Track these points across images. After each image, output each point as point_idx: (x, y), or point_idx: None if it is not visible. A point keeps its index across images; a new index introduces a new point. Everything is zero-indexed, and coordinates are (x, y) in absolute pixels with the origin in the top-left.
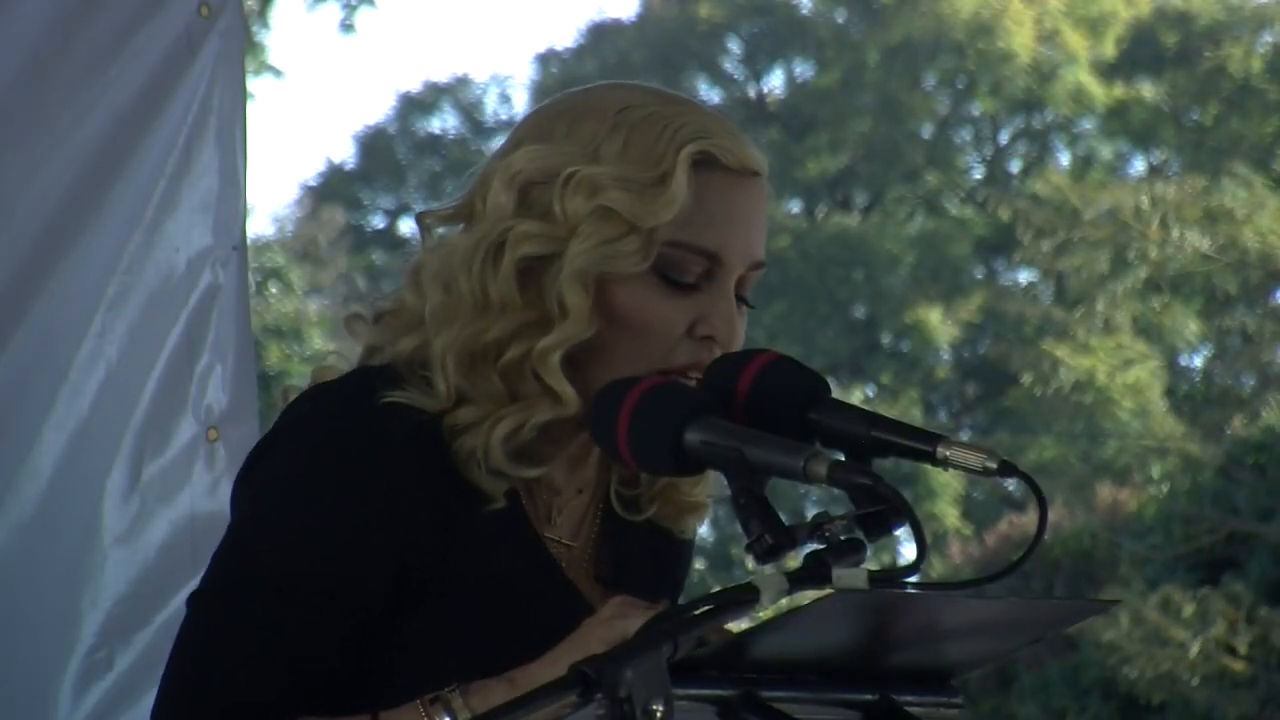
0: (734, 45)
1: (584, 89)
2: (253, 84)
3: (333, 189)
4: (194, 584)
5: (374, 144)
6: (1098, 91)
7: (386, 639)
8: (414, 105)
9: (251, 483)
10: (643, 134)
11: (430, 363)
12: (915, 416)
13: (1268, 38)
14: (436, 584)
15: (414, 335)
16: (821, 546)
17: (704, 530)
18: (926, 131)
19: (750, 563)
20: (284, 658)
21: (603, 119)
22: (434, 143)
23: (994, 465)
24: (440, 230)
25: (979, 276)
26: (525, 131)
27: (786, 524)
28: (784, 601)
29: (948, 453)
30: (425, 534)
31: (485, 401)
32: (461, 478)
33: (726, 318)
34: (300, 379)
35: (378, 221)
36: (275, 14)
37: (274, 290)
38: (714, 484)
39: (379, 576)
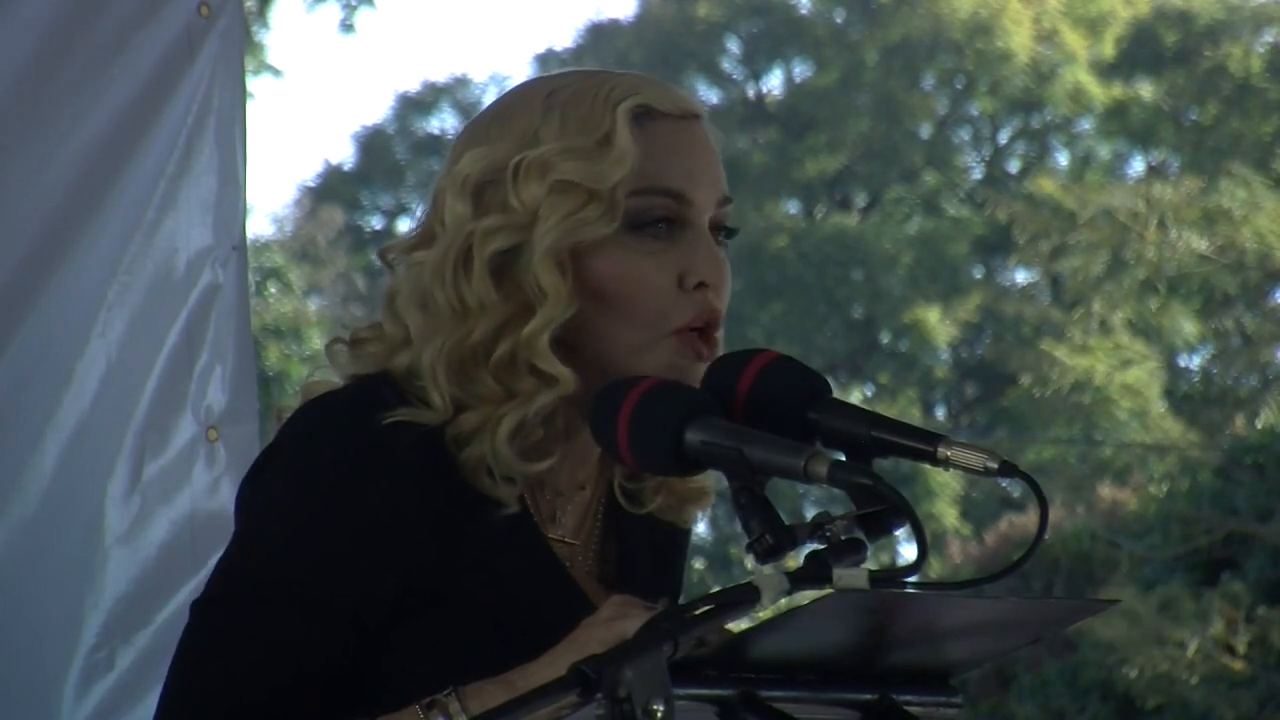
0: (732, 45)
1: (508, 91)
2: (252, 84)
3: (332, 189)
4: (195, 583)
5: (373, 144)
6: (1097, 91)
7: (388, 645)
8: (413, 105)
9: (252, 496)
10: (575, 107)
11: (422, 378)
12: (914, 416)
13: (1267, 37)
14: (441, 594)
15: (404, 354)
16: (822, 546)
17: (703, 530)
18: (925, 131)
19: (750, 563)
20: (282, 668)
21: (532, 107)
22: (433, 143)
23: (994, 465)
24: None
25: (977, 276)
26: (463, 144)
27: (787, 524)
28: (784, 601)
29: (948, 453)
30: (428, 548)
31: (483, 405)
32: (470, 488)
33: (711, 260)
34: (299, 380)
35: (376, 222)
36: (275, 14)
37: (273, 290)
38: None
39: (380, 589)
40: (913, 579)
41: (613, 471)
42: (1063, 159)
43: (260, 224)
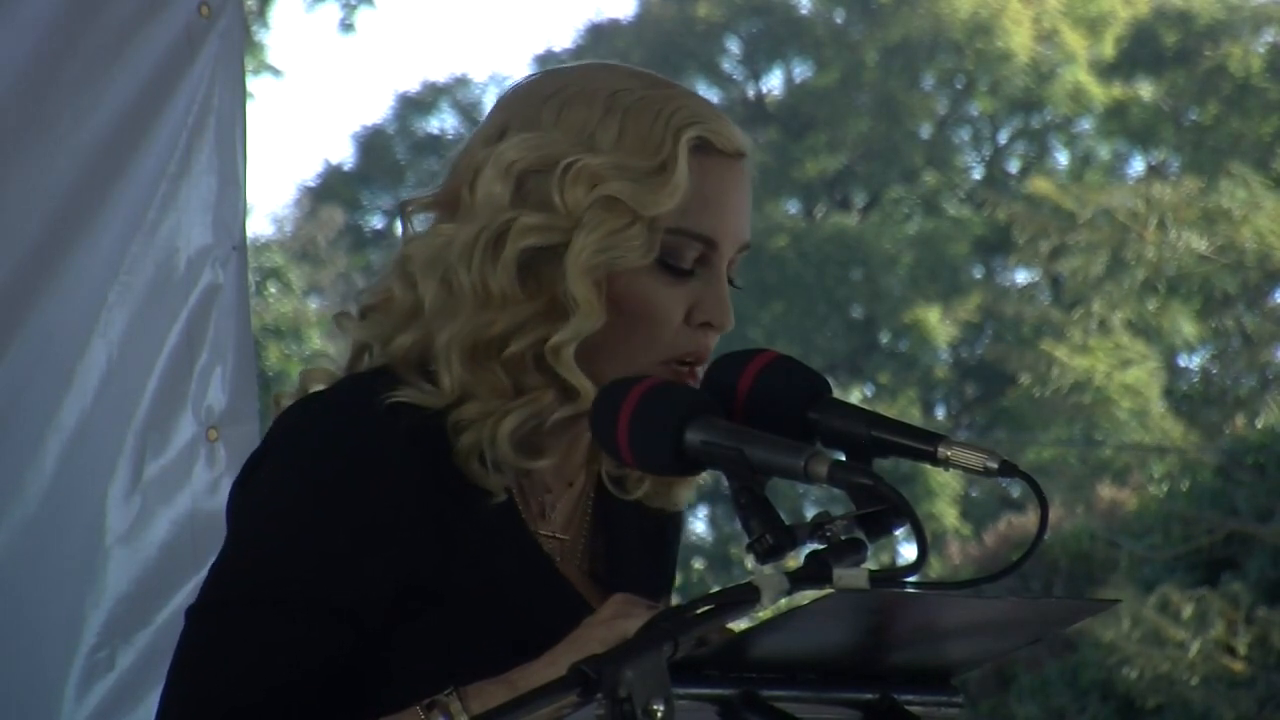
0: (732, 45)
1: (565, 70)
2: (252, 84)
3: (331, 189)
4: (195, 583)
5: (373, 144)
6: (1096, 91)
7: (384, 645)
8: (413, 105)
9: (246, 496)
10: (637, 120)
11: (433, 358)
12: (914, 416)
13: (1267, 37)
14: (437, 593)
15: (410, 331)
16: (822, 546)
17: (703, 530)
18: (925, 131)
19: (750, 562)
20: (279, 671)
21: (593, 104)
22: (433, 143)
23: (994, 465)
24: (421, 218)
25: (977, 276)
26: (510, 117)
27: (787, 524)
28: (784, 601)
29: (948, 453)
30: (425, 546)
31: (489, 396)
32: (461, 476)
33: (722, 303)
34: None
35: (376, 222)
36: (275, 14)
37: (273, 290)
38: None
39: (378, 590)
40: (913, 579)
41: (599, 464)
42: (1063, 159)
43: (260, 224)
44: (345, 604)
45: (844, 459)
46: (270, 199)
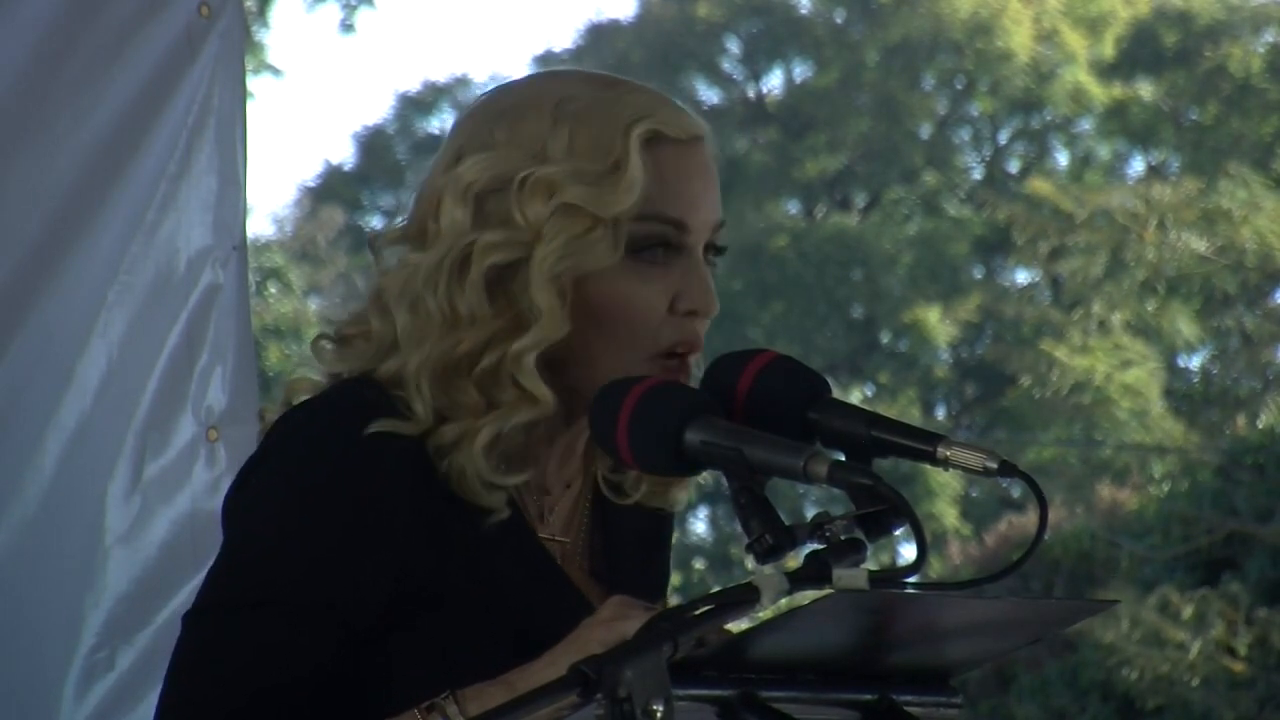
0: (732, 45)
1: (512, 85)
2: (252, 84)
3: (332, 189)
4: (195, 583)
5: (373, 144)
6: (1096, 91)
7: (383, 648)
8: (413, 105)
9: (241, 501)
10: (586, 124)
11: (405, 384)
12: (913, 416)
13: (1267, 37)
14: (436, 597)
15: (392, 360)
16: (821, 546)
17: (703, 530)
18: (925, 131)
19: (750, 563)
20: (274, 674)
21: (541, 115)
22: (433, 143)
23: (994, 465)
24: (393, 251)
25: (977, 276)
26: (464, 141)
27: (786, 524)
28: (784, 601)
29: (948, 453)
30: (420, 550)
31: (464, 415)
32: (458, 496)
33: (704, 289)
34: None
35: (376, 222)
36: (275, 14)
37: (273, 290)
38: None
39: (372, 593)
40: (912, 579)
41: (596, 466)
42: (1062, 159)
43: (260, 224)
44: (336, 605)
45: (844, 459)
46: (270, 199)
